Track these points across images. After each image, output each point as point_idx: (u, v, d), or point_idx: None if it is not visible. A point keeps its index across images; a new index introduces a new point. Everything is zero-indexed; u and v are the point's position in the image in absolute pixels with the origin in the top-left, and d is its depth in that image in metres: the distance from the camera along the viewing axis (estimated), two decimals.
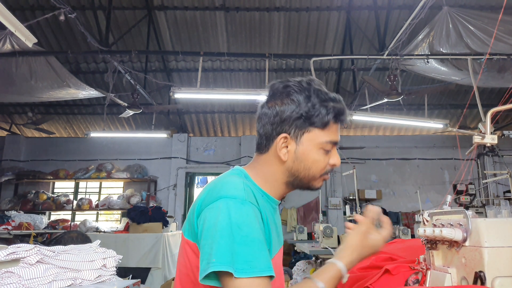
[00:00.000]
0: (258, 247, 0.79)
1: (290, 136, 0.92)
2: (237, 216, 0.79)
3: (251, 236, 0.78)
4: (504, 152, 8.40)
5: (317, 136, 0.92)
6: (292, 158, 0.93)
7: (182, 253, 0.92)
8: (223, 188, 0.87)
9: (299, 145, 0.92)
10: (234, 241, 0.76)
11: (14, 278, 1.50)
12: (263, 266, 0.77)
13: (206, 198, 0.87)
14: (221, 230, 0.78)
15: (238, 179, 0.90)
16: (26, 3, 6.13)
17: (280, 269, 1.01)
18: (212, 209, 0.83)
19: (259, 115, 0.98)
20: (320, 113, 0.91)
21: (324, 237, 4.58)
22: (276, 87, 0.96)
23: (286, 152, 0.93)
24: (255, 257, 0.77)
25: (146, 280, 4.70)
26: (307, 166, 0.93)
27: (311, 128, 0.92)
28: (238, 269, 0.74)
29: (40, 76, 5.45)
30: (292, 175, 0.95)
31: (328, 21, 6.56)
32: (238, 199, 0.83)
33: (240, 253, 0.76)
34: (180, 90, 4.80)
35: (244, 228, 0.78)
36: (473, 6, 5.93)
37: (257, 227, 0.82)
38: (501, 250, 0.80)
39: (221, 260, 0.75)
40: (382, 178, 8.62)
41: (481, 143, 1.42)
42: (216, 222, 0.79)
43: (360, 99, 6.31)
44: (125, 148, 8.53)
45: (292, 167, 0.94)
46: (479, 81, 5.21)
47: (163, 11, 6.40)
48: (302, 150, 0.92)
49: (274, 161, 0.95)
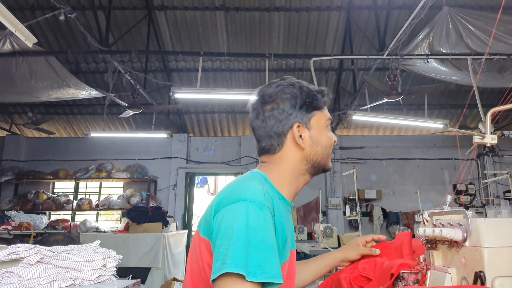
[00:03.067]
0: (272, 253, 0.79)
1: (301, 124, 1.00)
2: (255, 220, 0.80)
3: (266, 242, 0.79)
4: (504, 152, 8.41)
5: (321, 117, 1.03)
6: (309, 143, 1.00)
7: (196, 250, 0.92)
8: (243, 190, 0.87)
9: (311, 129, 1.01)
10: (250, 244, 0.77)
11: (14, 278, 1.50)
12: (275, 273, 0.78)
13: (225, 198, 0.88)
14: (238, 233, 0.78)
15: (259, 184, 0.91)
16: (26, 3, 6.13)
17: (294, 271, 1.02)
18: (230, 209, 0.83)
19: (262, 120, 1.01)
20: (316, 97, 1.02)
21: (324, 237, 4.58)
22: (266, 91, 1.03)
23: (302, 140, 0.99)
24: (268, 263, 0.78)
25: (146, 280, 4.70)
26: (323, 145, 1.02)
27: (315, 111, 1.02)
28: (250, 272, 0.75)
29: (40, 76, 5.45)
30: (311, 160, 1.01)
31: (328, 21, 6.56)
32: (257, 203, 0.83)
33: (254, 257, 0.76)
34: (180, 90, 4.80)
35: (260, 233, 0.79)
36: (473, 6, 5.93)
37: (273, 234, 0.83)
38: (501, 250, 0.80)
39: (236, 262, 0.75)
40: (382, 178, 8.62)
41: (481, 143, 1.42)
42: (234, 224, 0.80)
43: (360, 99, 6.31)
44: (125, 148, 8.53)
45: (311, 152, 1.01)
46: (479, 81, 5.21)
47: (163, 11, 6.40)
48: (315, 133, 1.01)
49: (291, 154, 1.00)
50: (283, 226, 0.90)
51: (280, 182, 0.98)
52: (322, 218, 5.77)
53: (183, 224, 8.06)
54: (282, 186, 0.98)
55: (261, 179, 0.96)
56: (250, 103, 1.06)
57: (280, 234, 0.88)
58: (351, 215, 4.93)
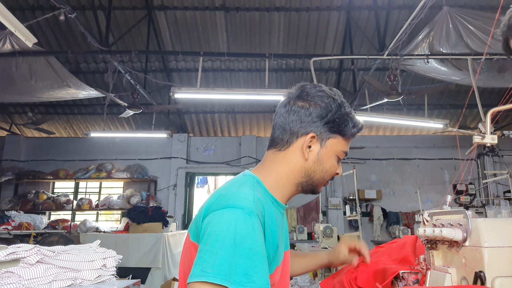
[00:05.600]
0: (260, 262, 0.78)
1: (317, 137, 0.97)
2: (243, 228, 0.79)
3: (254, 250, 0.78)
4: (504, 152, 8.40)
5: (339, 143, 0.99)
6: (313, 159, 0.98)
7: (187, 254, 0.92)
8: (232, 197, 0.86)
9: (323, 147, 0.98)
10: (236, 252, 0.75)
11: (14, 278, 1.50)
12: (261, 282, 0.76)
13: (214, 203, 0.87)
14: (222, 240, 0.77)
15: (249, 190, 0.89)
16: (26, 3, 6.13)
17: (288, 272, 1.02)
18: (218, 215, 0.82)
19: (287, 111, 0.99)
20: (348, 124, 0.98)
21: (324, 237, 4.58)
22: (309, 89, 1.00)
23: (309, 151, 0.97)
24: (255, 271, 0.76)
25: (146, 280, 4.70)
26: (325, 169, 0.99)
27: (337, 135, 0.98)
28: (236, 281, 0.73)
29: (40, 76, 5.45)
30: (307, 175, 0.98)
31: (328, 21, 6.56)
32: (246, 210, 0.82)
33: (240, 265, 0.75)
34: (180, 90, 4.80)
35: (248, 241, 0.78)
36: (473, 6, 5.93)
37: (261, 241, 0.81)
38: (501, 250, 0.80)
39: (218, 272, 0.73)
40: (382, 178, 8.62)
41: (481, 143, 1.42)
42: (219, 231, 0.78)
43: (360, 99, 6.31)
44: (125, 148, 8.53)
45: (311, 168, 0.98)
46: (479, 81, 5.21)
47: (163, 11, 6.40)
48: (324, 153, 0.98)
49: (293, 159, 0.98)
50: (274, 233, 0.89)
51: (275, 185, 0.97)
52: (322, 218, 5.76)
53: (183, 224, 8.06)
54: (276, 190, 0.97)
55: (252, 183, 0.94)
56: (288, 91, 1.04)
57: (270, 241, 0.87)
58: (351, 215, 4.93)
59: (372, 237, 7.97)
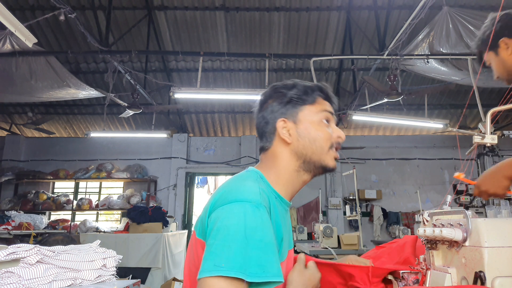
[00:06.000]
0: (272, 252, 0.79)
1: (287, 119, 0.99)
2: (252, 220, 0.80)
3: (265, 241, 0.79)
4: (504, 152, 8.40)
5: (311, 111, 1.00)
6: (295, 137, 0.98)
7: (193, 252, 0.91)
8: (239, 190, 0.87)
9: (298, 123, 0.99)
10: (248, 245, 0.76)
11: (14, 278, 1.50)
12: (276, 271, 0.78)
13: (220, 198, 0.87)
14: (234, 234, 0.77)
15: (254, 183, 0.91)
16: (26, 3, 6.13)
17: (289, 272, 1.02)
18: (226, 209, 0.82)
19: (258, 121, 1.06)
20: (306, 91, 1.00)
21: (324, 237, 4.58)
22: (265, 92, 1.06)
23: (288, 134, 0.98)
24: (269, 262, 0.78)
25: (146, 280, 4.70)
26: (312, 138, 0.98)
27: (303, 106, 1.00)
28: (251, 273, 0.74)
29: (40, 76, 5.45)
30: (301, 155, 0.98)
31: (328, 21, 6.56)
32: (253, 203, 0.83)
33: (253, 257, 0.76)
34: (180, 90, 4.80)
35: (258, 232, 0.79)
36: (473, 6, 5.93)
37: (271, 233, 0.82)
38: (501, 250, 0.80)
39: (233, 265, 0.74)
40: (382, 178, 8.62)
41: (481, 143, 1.42)
42: (229, 225, 0.79)
43: (360, 99, 6.31)
44: (125, 148, 8.53)
45: (298, 146, 0.98)
46: (479, 81, 5.21)
47: (163, 11, 6.40)
48: (303, 127, 0.99)
49: (280, 149, 0.99)
50: (279, 226, 0.90)
51: (276, 180, 0.98)
52: (322, 218, 5.77)
53: (183, 224, 8.06)
54: (278, 185, 0.97)
55: (256, 177, 0.95)
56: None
57: (276, 233, 0.88)
58: (351, 215, 4.94)
59: (372, 237, 7.97)
